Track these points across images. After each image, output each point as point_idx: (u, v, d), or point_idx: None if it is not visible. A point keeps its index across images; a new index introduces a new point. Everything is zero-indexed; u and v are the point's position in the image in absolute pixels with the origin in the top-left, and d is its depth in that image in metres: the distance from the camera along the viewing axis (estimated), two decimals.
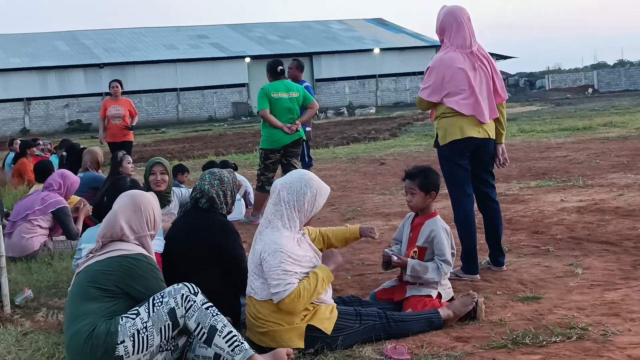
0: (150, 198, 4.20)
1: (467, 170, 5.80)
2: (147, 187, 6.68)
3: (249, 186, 10.30)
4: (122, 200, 4.15)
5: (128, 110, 13.44)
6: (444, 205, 8.65)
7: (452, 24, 5.75)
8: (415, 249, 5.00)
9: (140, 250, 4.01)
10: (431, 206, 5.11)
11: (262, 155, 9.20)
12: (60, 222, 7.73)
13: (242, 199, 9.68)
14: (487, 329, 4.49)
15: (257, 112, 9.36)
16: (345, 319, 4.37)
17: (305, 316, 4.28)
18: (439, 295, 4.92)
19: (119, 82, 13.70)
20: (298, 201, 4.36)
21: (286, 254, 4.23)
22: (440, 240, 4.91)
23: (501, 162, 6.04)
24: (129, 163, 8.51)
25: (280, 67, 9.29)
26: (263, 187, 9.14)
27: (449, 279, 5.13)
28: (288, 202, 4.36)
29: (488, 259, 6.05)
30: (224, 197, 4.90)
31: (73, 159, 10.14)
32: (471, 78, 5.68)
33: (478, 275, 5.76)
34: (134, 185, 5.95)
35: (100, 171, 9.30)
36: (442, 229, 4.96)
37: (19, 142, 15.55)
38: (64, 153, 11.39)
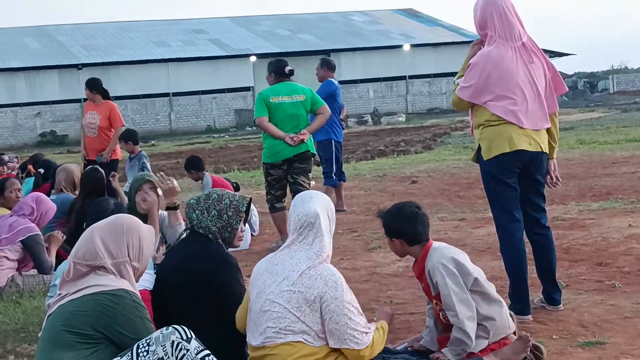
0: (142, 227, 4.17)
1: (516, 191, 5.80)
2: (132, 208, 6.66)
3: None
4: (105, 220, 4.16)
5: (108, 120, 11.93)
6: (488, 232, 8.62)
7: (494, 14, 5.76)
8: (437, 302, 4.78)
9: (121, 284, 3.94)
10: (412, 250, 4.86)
11: (264, 170, 9.34)
12: (32, 252, 7.75)
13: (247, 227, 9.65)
14: None
15: (254, 121, 9.40)
16: None
17: None
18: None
19: (95, 83, 12.13)
20: (332, 227, 4.46)
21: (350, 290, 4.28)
22: (441, 283, 4.62)
23: (553, 181, 6.03)
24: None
25: (289, 68, 9.31)
26: (273, 206, 9.29)
27: None
28: (326, 229, 4.39)
29: (541, 296, 6.04)
30: (219, 224, 4.89)
31: (50, 177, 10.20)
32: (524, 79, 5.70)
33: (530, 316, 5.75)
34: (118, 209, 5.98)
35: (76, 193, 9.34)
36: (437, 266, 4.67)
37: None
38: (41, 170, 11.46)
